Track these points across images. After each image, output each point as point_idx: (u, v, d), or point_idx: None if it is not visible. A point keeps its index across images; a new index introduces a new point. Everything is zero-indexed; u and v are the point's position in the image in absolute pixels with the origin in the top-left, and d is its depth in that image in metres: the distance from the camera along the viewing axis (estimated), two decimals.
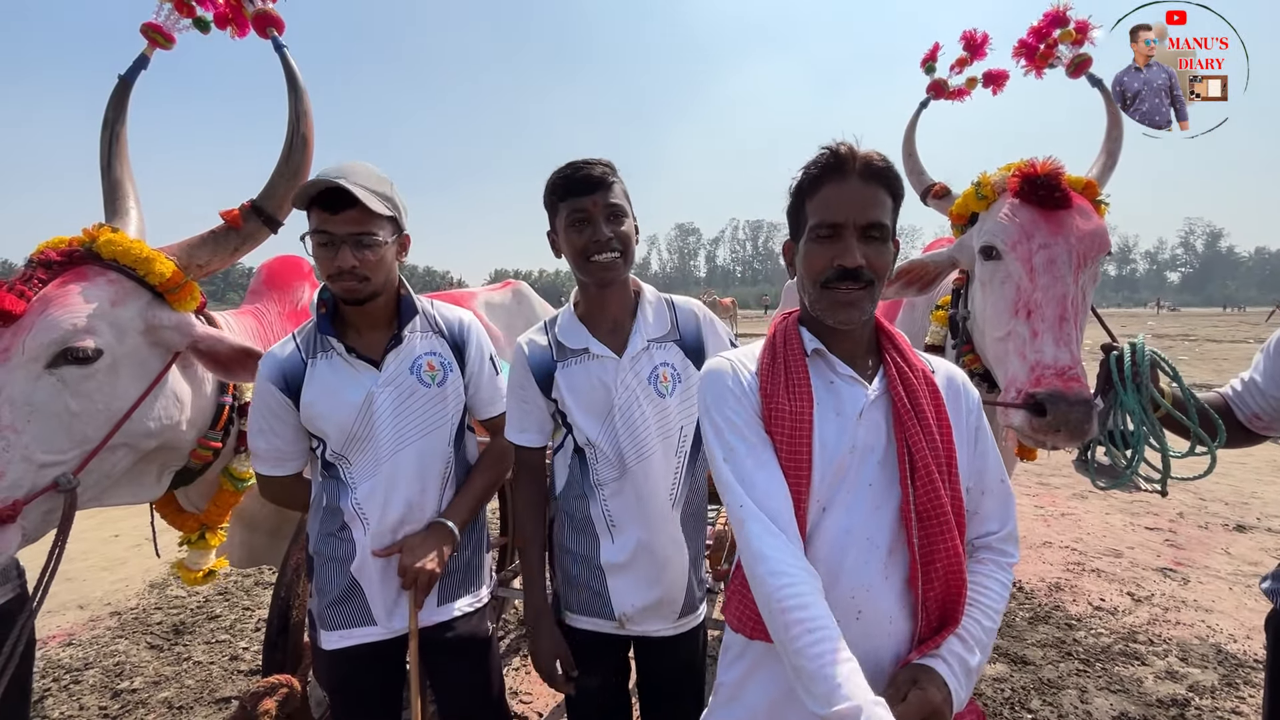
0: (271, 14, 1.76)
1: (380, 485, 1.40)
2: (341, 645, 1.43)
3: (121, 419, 1.37)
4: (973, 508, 1.03)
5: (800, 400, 0.98)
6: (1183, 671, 2.77)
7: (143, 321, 1.43)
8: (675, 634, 1.42)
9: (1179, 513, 4.79)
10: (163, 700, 2.68)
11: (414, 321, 1.47)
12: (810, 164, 1.01)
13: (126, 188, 1.66)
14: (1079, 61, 2.03)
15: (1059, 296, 1.46)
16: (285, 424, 1.43)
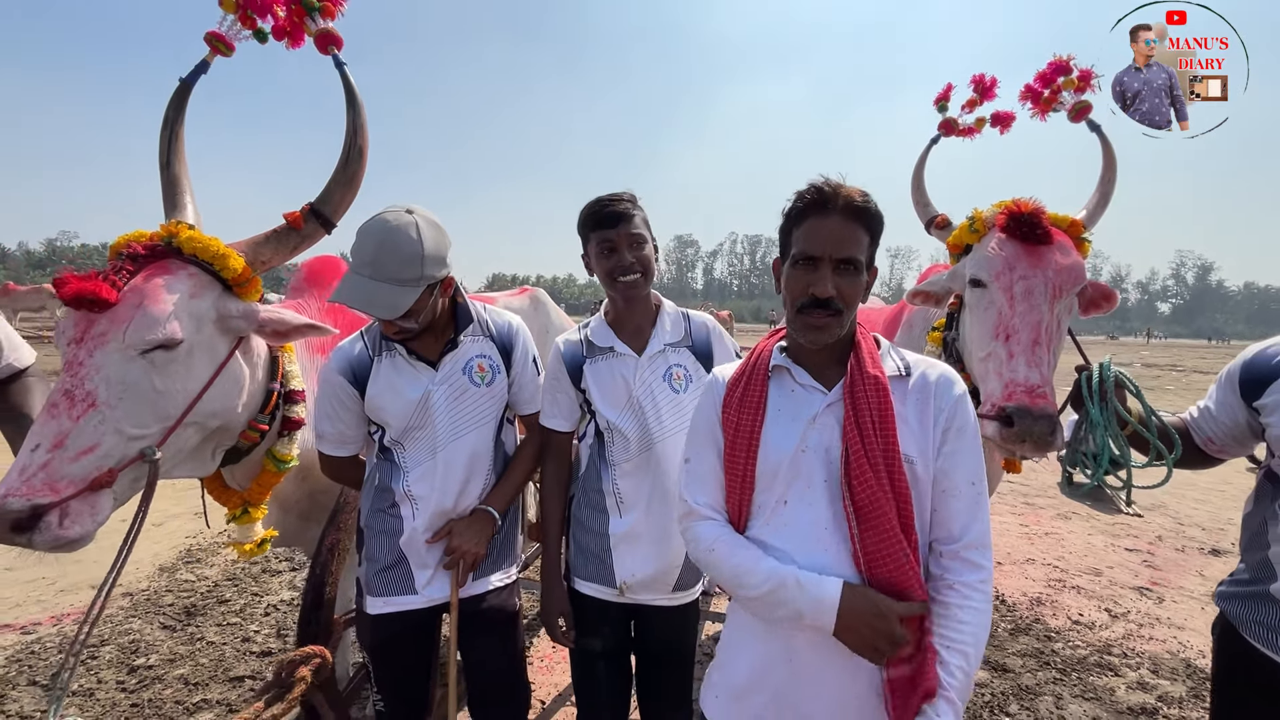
0: (333, 33, 1.87)
1: (431, 471, 1.57)
2: (385, 610, 1.58)
3: (195, 398, 1.49)
4: (936, 506, 1.09)
5: (750, 413, 1.15)
6: (1153, 683, 2.92)
7: (215, 311, 1.55)
8: (669, 605, 1.59)
9: (1158, 536, 4.95)
10: (178, 677, 2.78)
11: (469, 327, 1.65)
12: (799, 195, 1.14)
13: (184, 183, 1.77)
14: (1079, 108, 2.18)
15: (1034, 323, 1.61)
16: (350, 412, 1.61)
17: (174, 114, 1.83)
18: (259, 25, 1.90)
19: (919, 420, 1.10)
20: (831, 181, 1.11)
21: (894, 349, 1.20)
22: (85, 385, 1.33)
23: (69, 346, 1.38)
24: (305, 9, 1.84)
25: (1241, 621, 1.33)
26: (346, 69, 1.85)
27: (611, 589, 1.56)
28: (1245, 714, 1.36)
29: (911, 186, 2.31)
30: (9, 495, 1.21)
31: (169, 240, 1.54)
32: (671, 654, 1.65)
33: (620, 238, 1.53)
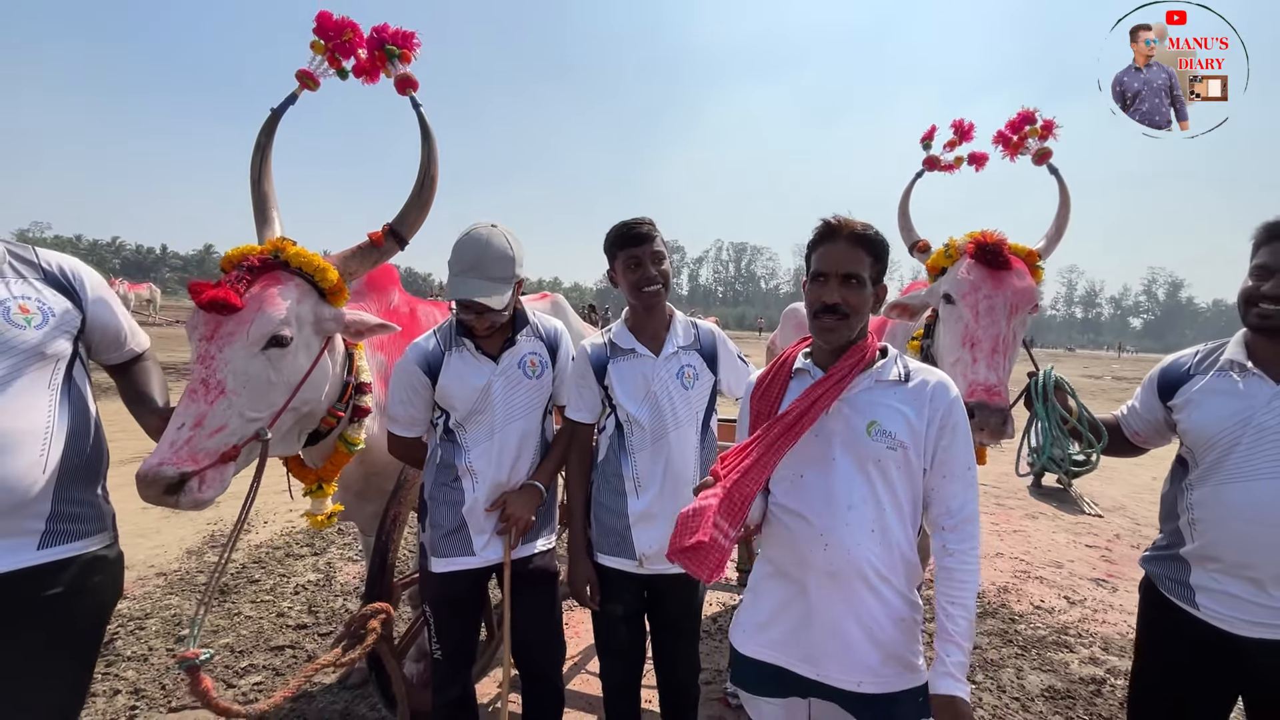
0: (410, 77, 2.10)
1: (489, 450, 1.86)
2: (447, 570, 1.87)
3: (296, 388, 1.75)
4: (933, 486, 1.34)
5: (769, 404, 1.46)
6: (1103, 658, 3.28)
7: (313, 315, 1.80)
8: (681, 574, 1.81)
9: (1116, 534, 5.36)
10: (224, 645, 3.02)
11: (525, 329, 1.95)
12: (816, 229, 1.45)
13: (271, 199, 2.02)
14: (1041, 153, 2.53)
15: (994, 335, 1.93)
16: (421, 398, 1.89)
17: (265, 139, 2.07)
18: (342, 65, 2.12)
19: (915, 416, 1.34)
20: (840, 217, 1.42)
21: (900, 357, 1.45)
22: (217, 375, 1.58)
23: (201, 342, 1.62)
24: (386, 56, 2.07)
25: (1158, 579, 1.66)
26: (422, 109, 2.08)
27: (632, 561, 1.83)
28: (1160, 654, 1.68)
29: (898, 214, 2.64)
30: (164, 463, 1.46)
31: (277, 254, 1.78)
32: (682, 617, 1.92)
33: (645, 254, 1.80)
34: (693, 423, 1.86)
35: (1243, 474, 1.43)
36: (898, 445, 1.34)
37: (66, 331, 1.52)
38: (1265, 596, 1.42)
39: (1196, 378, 1.59)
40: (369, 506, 2.47)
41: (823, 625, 1.37)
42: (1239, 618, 1.45)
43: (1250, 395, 1.46)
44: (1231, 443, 1.46)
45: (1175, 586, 1.58)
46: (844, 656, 1.35)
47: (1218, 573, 1.49)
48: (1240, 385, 1.49)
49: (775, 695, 1.45)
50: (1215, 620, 1.49)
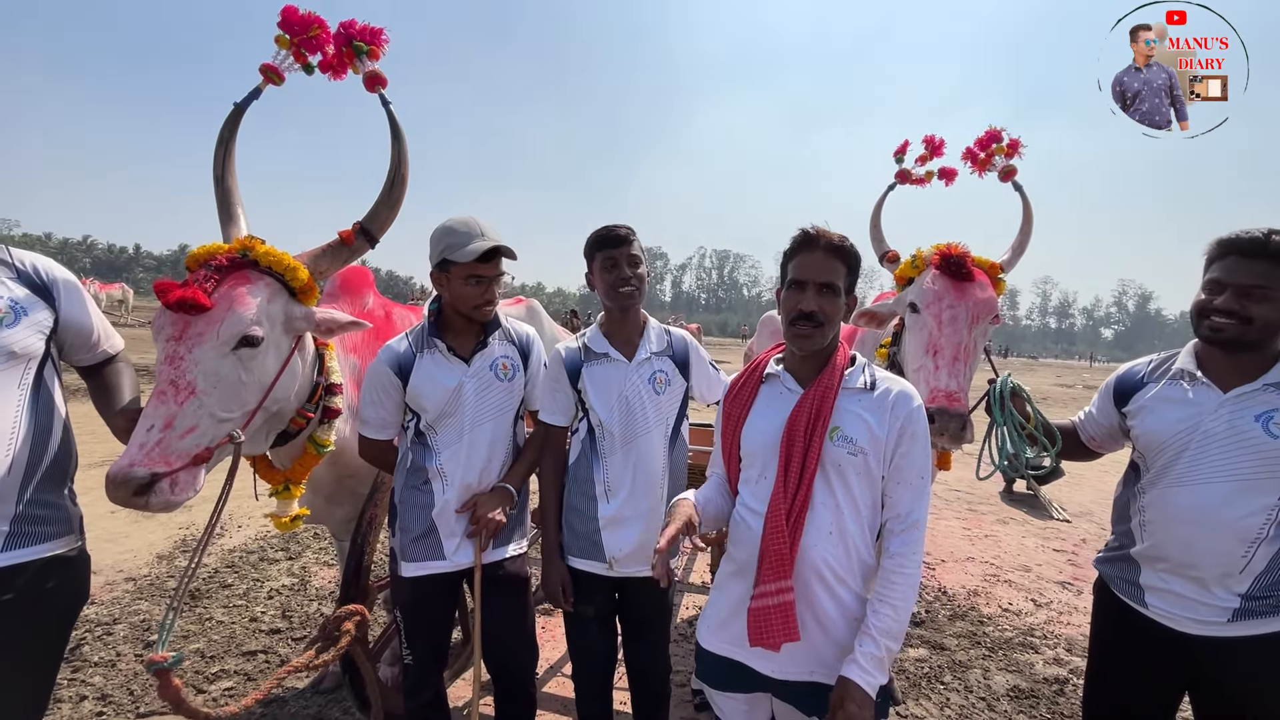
0: (379, 74, 2.09)
1: (459, 451, 1.86)
2: (418, 574, 1.87)
3: (269, 388, 1.75)
4: (887, 491, 1.40)
5: (739, 408, 1.52)
6: (1067, 659, 3.37)
7: (284, 314, 1.79)
8: (650, 575, 1.88)
9: (1083, 539, 5.50)
10: (194, 650, 2.98)
11: (497, 332, 1.96)
12: (793, 238, 1.49)
13: (235, 196, 2.00)
14: (1007, 170, 2.63)
15: (956, 343, 2.01)
16: (392, 400, 1.90)
17: (228, 134, 2.04)
18: (308, 61, 2.10)
19: (877, 423, 1.39)
20: (818, 227, 1.47)
21: (868, 366, 1.50)
22: (186, 376, 1.57)
23: (169, 343, 1.60)
24: (355, 52, 2.06)
25: (1111, 579, 1.72)
26: (392, 107, 2.06)
27: (602, 563, 1.85)
28: (1111, 652, 1.74)
29: (870, 225, 2.72)
30: (134, 465, 1.45)
31: (245, 253, 1.77)
32: (653, 618, 1.94)
33: (621, 256, 1.83)
34: (662, 427, 1.89)
35: (1188, 478, 1.49)
36: (858, 451, 1.38)
37: (38, 331, 1.51)
38: (1209, 595, 1.47)
39: (1150, 385, 1.65)
40: (340, 511, 2.46)
41: None
42: (1185, 616, 1.51)
43: (1198, 403, 1.52)
44: (1180, 448, 1.51)
45: (1126, 586, 1.65)
46: (800, 652, 1.39)
47: (1165, 572, 1.54)
48: (1190, 394, 1.54)
49: (738, 690, 1.49)
50: (1163, 619, 1.54)
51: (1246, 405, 1.45)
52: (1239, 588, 1.44)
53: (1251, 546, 1.41)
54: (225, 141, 2.04)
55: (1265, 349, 1.49)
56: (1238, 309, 1.46)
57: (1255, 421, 1.42)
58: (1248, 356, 1.50)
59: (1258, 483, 1.41)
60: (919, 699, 2.93)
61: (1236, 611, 1.44)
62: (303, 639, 3.13)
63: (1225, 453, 1.44)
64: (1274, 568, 1.42)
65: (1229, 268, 1.50)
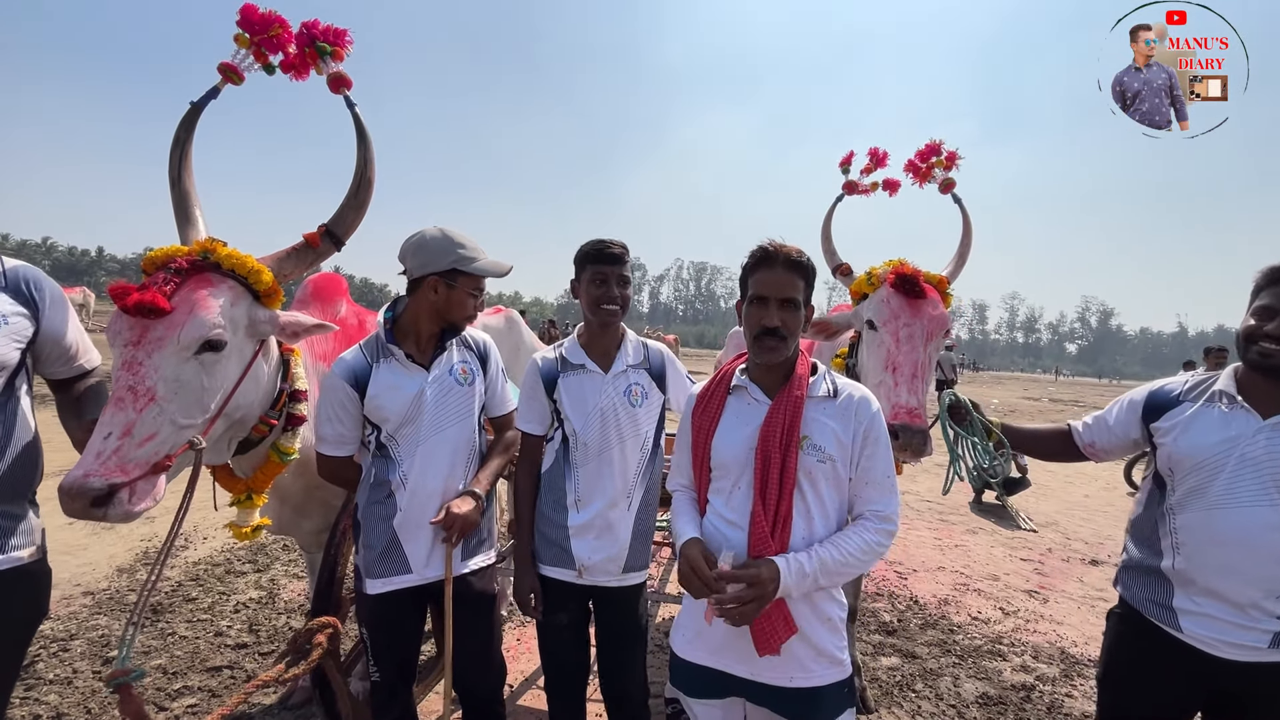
0: (343, 75, 2.06)
1: (422, 458, 1.82)
2: (383, 590, 1.82)
3: (230, 394, 1.71)
4: (856, 493, 1.46)
5: (708, 420, 1.55)
6: (1033, 666, 3.44)
7: (247, 318, 1.76)
8: (620, 585, 1.88)
9: (1048, 548, 5.64)
10: (156, 667, 2.88)
11: (454, 337, 1.95)
12: (752, 253, 1.53)
13: (193, 198, 1.95)
14: (946, 183, 2.73)
15: (914, 360, 2.09)
16: (349, 414, 1.84)
17: (184, 134, 1.99)
18: (269, 60, 2.06)
19: (842, 430, 1.44)
20: (775, 242, 1.51)
21: (829, 374, 1.56)
22: (145, 382, 1.53)
23: (126, 348, 1.56)
24: (318, 53, 2.03)
25: (1140, 603, 1.64)
26: (358, 109, 2.03)
27: (571, 571, 1.85)
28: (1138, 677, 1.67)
29: (821, 237, 2.79)
30: (89, 475, 1.40)
31: (205, 255, 1.74)
32: (625, 627, 1.92)
33: (612, 275, 1.85)
34: (636, 439, 1.89)
35: (1227, 501, 1.47)
36: (827, 459, 1.43)
37: (16, 340, 1.49)
38: (1248, 619, 1.46)
39: (1186, 404, 1.62)
40: (309, 522, 2.41)
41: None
42: (1222, 640, 1.48)
43: (1237, 427, 1.50)
44: (1216, 469, 1.50)
45: (1158, 610, 1.60)
46: (777, 657, 1.41)
47: (1201, 596, 1.52)
48: (1228, 416, 1.53)
49: (714, 696, 1.51)
50: (1198, 644, 1.51)
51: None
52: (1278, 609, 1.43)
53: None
54: (182, 142, 1.99)
55: None
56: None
57: None
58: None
59: None
60: (891, 707, 2.97)
61: (1278, 635, 1.43)
62: (270, 653, 3.05)
63: (1261, 477, 1.44)
64: None
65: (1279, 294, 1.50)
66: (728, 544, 1.44)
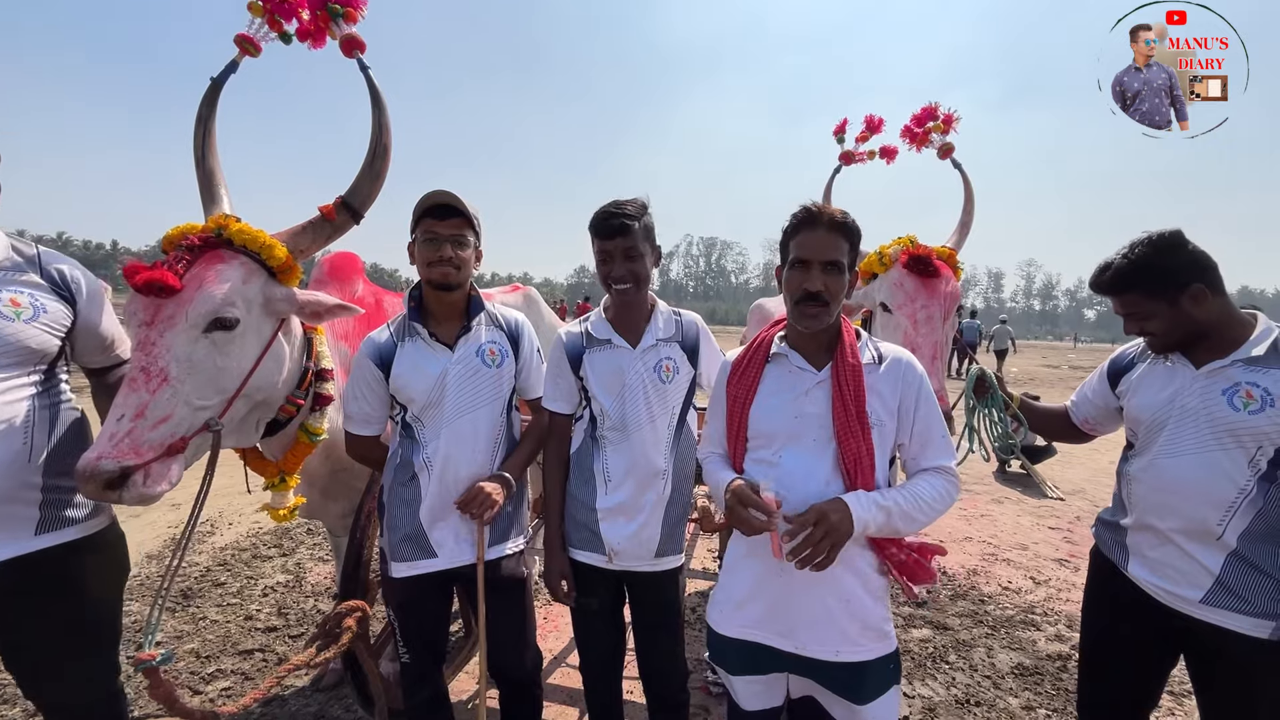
0: (356, 38, 1.98)
1: (446, 441, 1.77)
2: (408, 574, 1.79)
3: (249, 374, 1.66)
4: (917, 452, 1.43)
5: (745, 387, 1.49)
6: (1068, 635, 3.38)
7: (262, 295, 1.71)
8: (653, 570, 1.80)
9: (1076, 516, 5.55)
10: (189, 650, 2.91)
11: (480, 316, 1.88)
12: (793, 215, 1.45)
13: (218, 177, 1.90)
14: (945, 148, 2.62)
15: (933, 342, 2.06)
16: (375, 393, 1.82)
17: (206, 111, 1.94)
18: (284, 29, 2.02)
19: (891, 394, 1.41)
20: (818, 203, 1.43)
21: (871, 340, 1.50)
22: (159, 363, 1.50)
23: (140, 328, 1.54)
24: (330, 15, 1.97)
25: (1102, 540, 1.77)
26: (371, 72, 1.96)
27: (601, 556, 1.78)
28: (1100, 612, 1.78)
29: None
30: (102, 458, 1.37)
31: (219, 232, 1.69)
32: (660, 613, 1.86)
33: (615, 249, 1.70)
34: (666, 417, 1.81)
35: (1168, 450, 1.54)
36: (879, 422, 1.40)
37: (54, 329, 1.56)
38: (1187, 563, 1.51)
39: (1138, 365, 1.71)
40: (335, 506, 2.39)
41: (801, 601, 1.41)
42: (1161, 586, 1.55)
43: (1178, 380, 1.56)
44: (1162, 422, 1.57)
45: (1115, 549, 1.70)
46: (823, 629, 1.39)
47: (1145, 537, 1.60)
48: (1171, 371, 1.60)
49: (755, 673, 1.47)
50: (1142, 585, 1.60)
51: (1216, 381, 1.50)
52: (1212, 562, 1.47)
53: (1226, 514, 1.45)
54: (204, 120, 1.94)
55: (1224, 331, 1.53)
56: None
57: (1222, 395, 1.47)
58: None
59: (1223, 454, 1.46)
60: (924, 679, 2.93)
61: (1209, 592, 1.47)
62: (300, 636, 3.07)
63: (1198, 426, 1.50)
64: (1247, 551, 1.43)
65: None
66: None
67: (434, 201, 1.76)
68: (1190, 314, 1.51)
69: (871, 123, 2.81)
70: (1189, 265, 1.52)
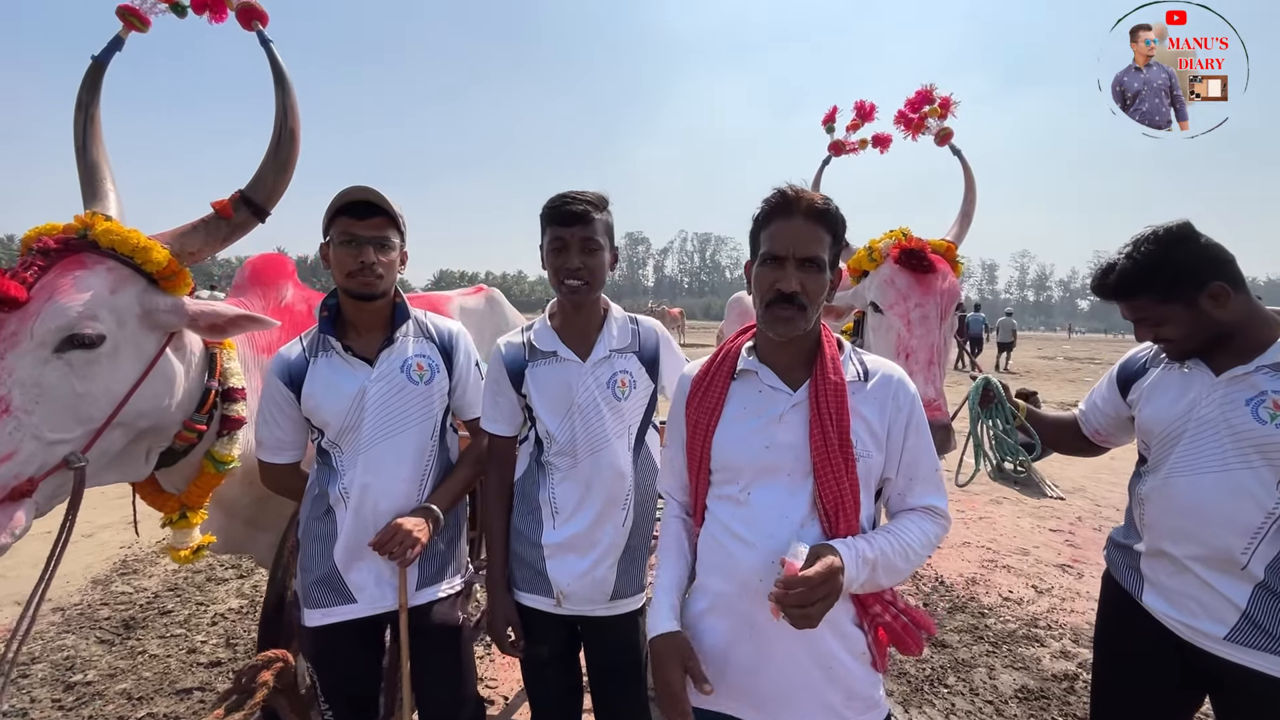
0: (255, 7, 1.76)
1: (364, 470, 1.55)
2: (324, 622, 1.56)
3: (123, 400, 1.42)
4: (903, 488, 1.22)
5: (707, 412, 1.26)
6: (1074, 651, 3.17)
7: (139, 307, 1.47)
8: (609, 615, 1.55)
9: (1078, 517, 5.35)
10: (120, 692, 2.67)
11: (406, 326, 1.65)
12: (765, 201, 1.22)
13: (103, 170, 1.66)
14: (943, 133, 2.42)
15: (929, 345, 1.87)
16: (286, 416, 1.60)
17: (88, 95, 1.71)
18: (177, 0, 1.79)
19: (878, 419, 1.19)
20: (795, 186, 1.19)
21: (855, 352, 1.28)
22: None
23: None
24: None
25: (1115, 566, 1.60)
26: (273, 46, 1.73)
27: (549, 599, 1.54)
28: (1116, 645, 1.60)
29: None
30: None
31: (84, 233, 1.46)
32: (620, 664, 1.61)
33: (572, 239, 1.47)
34: (624, 439, 1.57)
35: (1183, 468, 1.37)
36: (865, 453, 1.17)
37: None
38: (1210, 596, 1.33)
39: (1150, 371, 1.53)
40: (266, 536, 2.14)
41: (777, 668, 1.18)
42: (1181, 621, 1.37)
43: (1196, 388, 1.38)
44: (1176, 436, 1.40)
45: (1129, 575, 1.53)
46: (801, 700, 1.17)
47: (1162, 567, 1.42)
48: (1188, 377, 1.42)
49: None
50: (1161, 619, 1.42)
51: (1238, 389, 1.32)
52: (1237, 595, 1.29)
53: (1251, 541, 1.28)
54: (85, 105, 1.69)
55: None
56: None
57: (1245, 406, 1.30)
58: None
59: (1248, 472, 1.28)
60: (921, 706, 2.71)
61: (1235, 629, 1.30)
62: None
63: (1218, 440, 1.32)
64: (1277, 583, 1.26)
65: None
66: (733, 563, 1.19)
67: (352, 198, 1.52)
68: (1211, 315, 1.33)
69: (863, 109, 2.60)
70: (1204, 260, 1.33)
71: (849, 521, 1.14)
